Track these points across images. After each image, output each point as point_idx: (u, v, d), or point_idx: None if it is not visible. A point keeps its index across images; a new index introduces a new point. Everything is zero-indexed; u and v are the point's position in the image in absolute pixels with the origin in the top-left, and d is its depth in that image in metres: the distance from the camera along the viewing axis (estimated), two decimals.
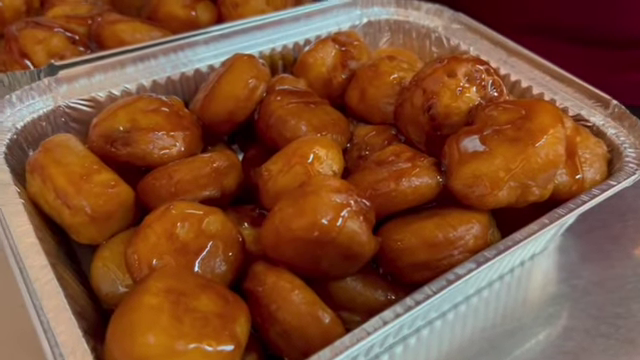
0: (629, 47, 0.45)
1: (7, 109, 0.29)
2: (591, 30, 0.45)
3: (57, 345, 0.19)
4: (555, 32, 0.45)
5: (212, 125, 0.31)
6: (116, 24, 0.35)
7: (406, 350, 0.28)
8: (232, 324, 0.21)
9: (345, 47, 0.35)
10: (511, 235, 0.24)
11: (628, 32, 0.44)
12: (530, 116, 0.27)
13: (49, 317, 0.20)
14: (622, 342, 0.29)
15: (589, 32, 0.45)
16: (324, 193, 0.23)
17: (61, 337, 0.20)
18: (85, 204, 0.25)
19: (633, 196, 0.36)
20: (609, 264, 0.33)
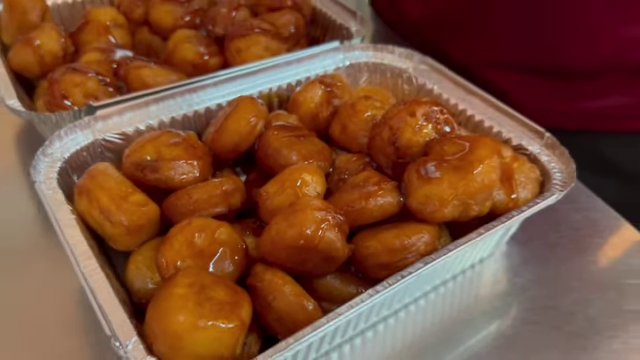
0: (576, 79, 0.52)
1: (56, 142, 0.36)
2: (543, 64, 0.52)
3: (110, 323, 0.26)
4: (515, 66, 0.53)
5: (220, 154, 0.38)
6: (140, 69, 0.42)
7: (376, 335, 0.34)
8: (239, 309, 0.27)
9: (330, 88, 0.42)
10: (454, 242, 0.31)
11: (574, 67, 0.51)
12: (472, 149, 0.34)
13: (102, 304, 0.27)
14: (567, 333, 0.35)
15: (542, 66, 0.53)
16: (309, 211, 0.30)
17: (113, 318, 0.26)
18: (123, 219, 0.32)
19: (568, 210, 0.43)
20: (546, 266, 0.40)
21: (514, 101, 0.49)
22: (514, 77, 0.52)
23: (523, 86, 0.52)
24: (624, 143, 0.53)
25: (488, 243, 0.37)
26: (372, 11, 0.67)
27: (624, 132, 0.52)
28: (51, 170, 0.34)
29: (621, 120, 0.52)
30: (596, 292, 0.37)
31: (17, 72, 0.45)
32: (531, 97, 0.51)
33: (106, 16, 0.49)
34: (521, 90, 0.52)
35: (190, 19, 0.48)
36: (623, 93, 0.50)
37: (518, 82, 0.52)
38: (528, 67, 0.52)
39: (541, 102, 0.52)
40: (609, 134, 0.52)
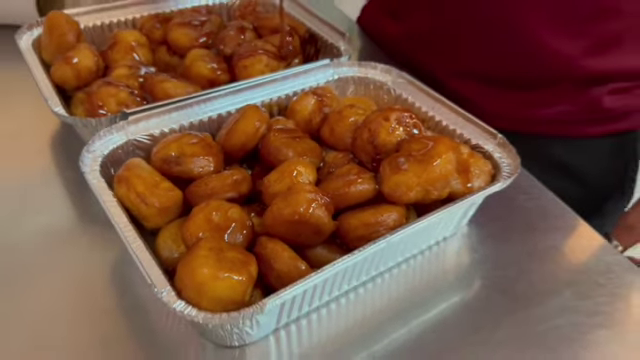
0: (528, 89, 0.60)
1: (97, 142, 0.44)
2: (500, 76, 0.60)
3: (150, 276, 0.34)
4: (476, 77, 0.61)
5: (230, 152, 0.46)
6: (163, 82, 0.50)
7: (357, 297, 0.42)
8: (248, 267, 0.35)
9: (321, 98, 0.51)
10: (417, 219, 0.40)
11: (525, 79, 0.60)
12: (433, 147, 0.42)
13: (143, 262, 0.35)
14: (516, 296, 0.43)
15: (499, 78, 0.60)
16: (302, 193, 0.38)
17: (152, 272, 0.34)
18: (155, 201, 0.40)
19: (521, 199, 0.51)
20: (500, 244, 0.47)
21: (476, 108, 0.57)
22: (476, 87, 0.60)
23: (483, 95, 0.60)
24: (571, 145, 0.61)
25: (449, 222, 0.45)
26: (359, 29, 0.76)
27: (571, 136, 0.60)
28: (94, 163, 0.42)
29: (568, 125, 0.60)
30: (539, 264, 0.45)
31: (57, 85, 0.53)
32: (490, 104, 0.60)
33: (131, 37, 0.58)
34: (481, 98, 0.60)
35: (204, 40, 0.57)
36: (569, 102, 0.59)
37: (479, 91, 0.60)
38: (487, 78, 0.60)
39: (498, 109, 0.60)
40: (558, 138, 0.61)
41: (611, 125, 0.60)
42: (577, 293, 0.43)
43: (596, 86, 0.58)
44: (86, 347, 0.38)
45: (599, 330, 0.40)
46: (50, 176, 0.51)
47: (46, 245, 0.45)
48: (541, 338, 0.39)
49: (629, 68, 0.57)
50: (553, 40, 0.55)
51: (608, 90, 0.58)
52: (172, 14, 0.63)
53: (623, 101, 0.59)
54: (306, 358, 0.38)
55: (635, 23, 0.54)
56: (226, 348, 0.38)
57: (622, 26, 0.54)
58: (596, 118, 0.60)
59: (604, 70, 0.57)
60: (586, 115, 0.59)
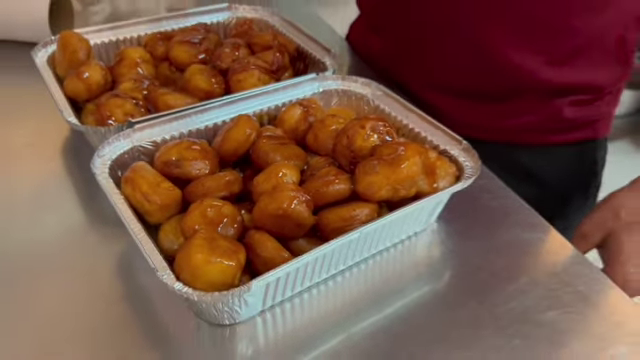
0: (495, 102, 0.66)
1: (106, 148, 0.50)
2: (470, 89, 0.66)
3: (154, 261, 0.39)
4: (448, 90, 0.67)
5: (225, 156, 0.51)
6: (165, 95, 0.56)
7: (335, 284, 0.47)
8: (237, 254, 0.41)
9: (307, 108, 0.56)
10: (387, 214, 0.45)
11: (492, 92, 0.65)
12: (402, 151, 0.48)
13: (148, 252, 0.40)
14: (478, 283, 0.48)
15: (469, 91, 0.66)
16: (285, 191, 0.44)
17: (154, 258, 0.40)
18: (157, 199, 0.45)
19: (486, 199, 0.56)
20: (467, 239, 0.52)
21: (447, 118, 0.63)
22: (447, 99, 0.66)
23: (454, 106, 0.66)
24: (536, 152, 0.67)
25: (418, 218, 0.50)
26: (348, 45, 0.82)
27: (535, 144, 0.66)
28: (104, 167, 0.48)
29: (532, 134, 0.66)
30: (500, 256, 0.50)
31: (69, 97, 0.59)
32: (460, 115, 0.66)
33: (136, 54, 0.63)
34: (453, 109, 0.66)
35: (202, 57, 0.62)
36: (533, 113, 0.64)
37: (450, 103, 0.66)
38: (458, 91, 0.66)
39: (468, 119, 0.66)
40: (524, 145, 0.67)
41: (572, 134, 0.66)
42: (531, 280, 0.48)
43: (557, 98, 0.64)
44: (95, 326, 0.43)
45: (548, 311, 0.45)
46: (63, 178, 0.57)
47: (60, 239, 0.50)
48: (496, 319, 0.45)
49: (586, 82, 0.63)
50: (516, 56, 0.60)
51: (569, 102, 0.64)
52: (174, 32, 0.69)
53: (583, 112, 0.65)
54: (290, 338, 0.44)
55: (588, 42, 0.60)
56: (219, 327, 0.43)
57: (577, 44, 0.60)
58: (558, 127, 0.65)
59: (563, 84, 0.63)
60: (549, 125, 0.65)
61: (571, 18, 0.59)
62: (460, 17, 0.61)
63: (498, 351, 0.42)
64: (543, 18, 0.59)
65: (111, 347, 0.42)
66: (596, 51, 0.62)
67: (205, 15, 0.72)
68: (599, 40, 0.61)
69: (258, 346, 0.43)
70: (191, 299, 0.38)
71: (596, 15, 0.59)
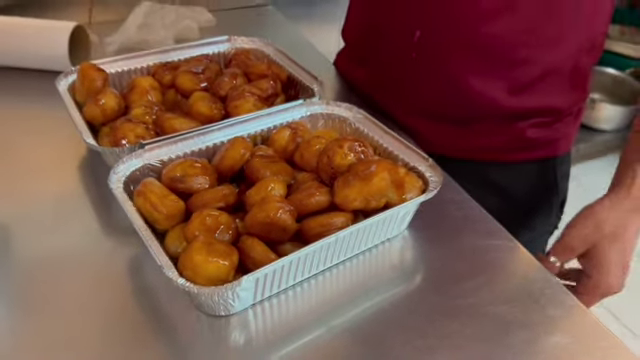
0: (465, 124, 0.74)
1: (120, 166, 0.57)
2: (441, 113, 0.74)
3: (161, 261, 0.47)
4: (423, 114, 0.75)
5: (222, 173, 0.59)
6: (171, 119, 0.64)
7: (317, 283, 0.54)
8: (231, 256, 0.48)
9: (295, 130, 0.64)
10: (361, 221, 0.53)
11: (461, 116, 0.73)
12: (374, 168, 0.55)
13: (156, 251, 0.48)
14: (442, 282, 0.55)
15: (441, 114, 0.74)
16: (272, 202, 0.51)
17: (162, 259, 0.47)
18: (164, 210, 0.53)
19: (453, 209, 0.64)
20: (435, 245, 0.60)
21: (424, 139, 0.71)
22: (422, 122, 0.74)
23: (428, 128, 0.74)
24: (502, 169, 0.74)
25: (390, 225, 0.58)
26: (335, 70, 0.91)
27: (502, 161, 0.74)
28: (119, 182, 0.56)
29: (499, 153, 0.73)
30: (463, 259, 0.58)
31: (87, 121, 0.67)
32: (434, 136, 0.74)
33: (146, 83, 0.72)
34: (427, 131, 0.74)
35: (204, 85, 0.71)
36: (498, 134, 0.72)
37: (425, 125, 0.74)
38: (431, 115, 0.74)
39: (441, 140, 0.74)
40: (491, 162, 0.74)
41: (535, 152, 0.74)
42: (487, 279, 0.55)
43: (519, 121, 0.72)
44: (109, 316, 0.51)
45: (500, 305, 0.53)
46: (81, 192, 0.65)
47: (80, 245, 0.58)
48: (453, 310, 0.52)
49: (545, 107, 0.71)
50: (480, 85, 0.68)
51: (530, 124, 0.72)
52: (179, 63, 0.77)
53: (544, 133, 0.73)
54: (277, 329, 0.51)
55: (545, 72, 0.68)
56: (215, 318, 0.51)
57: (534, 74, 0.68)
58: (521, 147, 0.73)
59: (524, 109, 0.71)
60: (513, 144, 0.73)
61: (529, 51, 0.67)
62: (431, 52, 0.69)
63: (451, 338, 0.50)
64: (503, 52, 0.67)
65: (123, 334, 0.49)
66: (553, 79, 0.70)
67: (207, 47, 0.81)
68: (555, 69, 0.69)
69: (249, 335, 0.50)
70: (192, 292, 0.46)
71: (551, 48, 0.67)
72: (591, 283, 0.60)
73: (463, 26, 0.67)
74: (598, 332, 0.51)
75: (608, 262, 0.59)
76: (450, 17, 0.67)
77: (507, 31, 0.66)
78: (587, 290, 0.61)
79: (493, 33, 0.66)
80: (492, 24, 0.66)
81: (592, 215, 0.60)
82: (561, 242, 0.62)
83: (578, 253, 0.62)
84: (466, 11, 0.66)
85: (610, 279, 0.59)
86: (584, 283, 0.61)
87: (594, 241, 0.60)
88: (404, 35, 0.71)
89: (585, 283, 0.61)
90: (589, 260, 0.61)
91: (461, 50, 0.68)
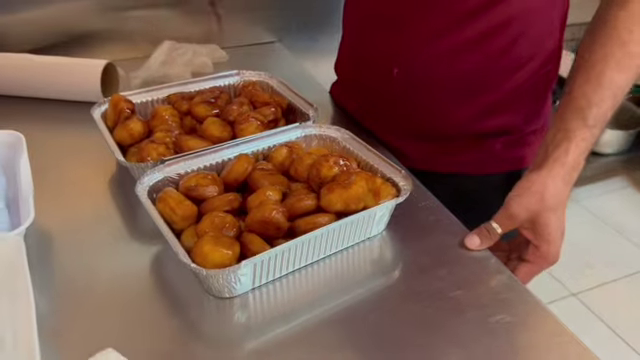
0: (443, 142, 0.85)
1: (145, 178, 0.70)
2: (421, 133, 0.85)
3: (179, 252, 0.59)
4: (405, 134, 0.86)
5: (228, 183, 0.71)
6: (187, 140, 0.76)
7: (307, 274, 0.65)
8: (233, 247, 0.60)
9: (291, 149, 0.76)
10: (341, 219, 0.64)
11: (439, 134, 0.85)
12: (354, 178, 0.67)
13: (176, 246, 0.60)
14: (412, 273, 0.66)
15: (421, 134, 0.85)
16: (268, 205, 0.63)
17: (179, 250, 0.59)
18: (180, 212, 0.65)
19: (425, 215, 0.75)
20: (410, 243, 0.70)
21: (407, 156, 0.83)
22: (406, 142, 0.85)
23: (411, 146, 0.85)
24: (476, 181, 0.85)
25: (368, 225, 0.68)
26: (331, 99, 1.03)
27: (476, 174, 0.85)
28: (144, 191, 0.68)
29: (473, 166, 0.84)
30: (431, 255, 0.68)
31: (118, 142, 0.80)
32: (416, 153, 0.85)
33: (166, 111, 0.84)
34: (409, 149, 0.85)
35: (215, 112, 0.83)
36: (472, 151, 0.83)
37: (407, 144, 0.85)
38: (413, 135, 0.85)
39: (423, 157, 0.85)
40: (467, 175, 0.85)
41: (503, 166, 0.85)
42: (448, 271, 0.66)
43: (489, 139, 0.83)
44: (134, 299, 0.62)
45: (457, 290, 0.63)
46: (112, 200, 0.77)
47: (111, 244, 0.70)
48: (420, 295, 0.63)
49: (510, 125, 0.82)
50: (453, 109, 0.80)
51: (498, 141, 0.83)
52: (194, 93, 0.90)
53: (511, 149, 0.84)
54: (274, 310, 0.62)
55: (509, 95, 0.80)
56: (221, 299, 0.62)
57: (500, 97, 0.80)
58: (491, 161, 0.84)
59: (492, 128, 0.82)
60: (484, 160, 0.84)
61: (493, 79, 0.78)
62: (408, 85, 0.81)
63: (415, 316, 0.60)
64: (471, 82, 0.78)
65: (146, 313, 0.61)
66: (516, 100, 0.81)
67: (219, 79, 0.94)
68: (517, 92, 0.81)
69: (250, 314, 0.61)
70: (201, 275, 0.57)
71: (513, 74, 0.79)
72: (539, 253, 0.66)
73: (434, 64, 0.79)
74: (539, 311, 0.61)
75: (555, 231, 0.66)
76: (422, 56, 0.79)
77: (473, 65, 0.78)
78: (536, 259, 0.66)
79: (462, 68, 0.78)
80: (459, 61, 0.78)
81: (533, 186, 0.65)
82: (505, 211, 0.66)
83: (520, 221, 0.66)
84: (436, 51, 0.78)
85: (557, 248, 0.66)
86: (533, 253, 0.68)
87: (537, 210, 0.64)
88: (385, 71, 0.83)
89: (533, 252, 0.67)
90: (536, 231, 0.66)
91: (434, 83, 0.80)
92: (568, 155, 0.67)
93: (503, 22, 0.75)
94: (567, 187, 0.67)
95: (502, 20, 0.75)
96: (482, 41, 0.76)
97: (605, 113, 0.69)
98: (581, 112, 0.68)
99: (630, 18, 0.70)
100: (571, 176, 0.68)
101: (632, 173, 2.59)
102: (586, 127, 0.68)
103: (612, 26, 0.71)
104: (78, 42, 1.11)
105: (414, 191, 0.71)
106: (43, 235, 0.69)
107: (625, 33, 0.70)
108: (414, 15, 0.78)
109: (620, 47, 0.69)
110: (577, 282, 2.05)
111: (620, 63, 0.69)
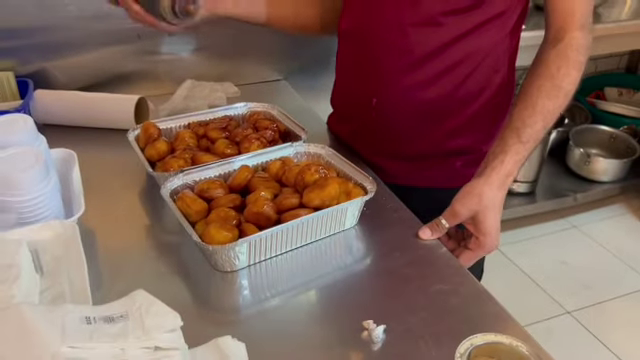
0: (419, 161, 1.03)
1: (168, 184, 0.89)
2: (399, 153, 1.04)
3: (192, 233, 0.77)
4: (385, 154, 1.04)
5: (233, 188, 0.90)
6: (202, 156, 0.96)
7: (292, 257, 0.83)
8: (233, 232, 0.78)
9: (284, 162, 0.95)
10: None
11: (416, 154, 1.03)
12: (329, 182, 0.85)
13: (190, 232, 0.78)
14: (381, 256, 0.84)
15: (399, 154, 1.04)
16: (260, 200, 0.81)
17: (192, 233, 0.78)
18: (195, 208, 0.84)
19: (390, 213, 0.92)
20: (379, 235, 0.88)
21: (386, 172, 1.01)
22: (385, 160, 1.03)
23: (392, 164, 1.03)
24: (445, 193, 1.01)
25: (342, 218, 0.86)
26: (327, 128, 1.22)
27: (444, 187, 1.02)
28: (167, 193, 0.87)
29: (441, 182, 1.02)
30: (392, 243, 0.86)
31: (148, 158, 1.00)
32: (396, 170, 1.03)
33: (186, 134, 1.04)
34: (391, 166, 1.03)
35: (226, 135, 1.04)
36: (440, 168, 1.02)
37: (387, 162, 1.03)
38: (390, 155, 1.04)
39: (399, 172, 1.03)
40: (437, 189, 1.03)
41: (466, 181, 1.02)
42: (402, 253, 0.83)
43: (452, 158, 1.01)
44: (155, 274, 0.81)
45: (408, 268, 0.80)
46: (141, 204, 0.97)
47: (139, 236, 0.89)
48: (378, 272, 0.80)
49: (469, 147, 1.00)
50: (423, 131, 0.99)
51: (461, 160, 1.01)
52: (209, 121, 1.10)
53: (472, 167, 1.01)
54: (266, 283, 0.79)
55: (465, 122, 0.98)
56: (224, 273, 0.80)
57: (458, 123, 0.98)
58: (456, 177, 1.01)
59: (455, 148, 1.00)
60: (450, 176, 1.02)
61: (457, 105, 0.97)
62: (385, 112, 0.99)
63: (375, 287, 0.78)
64: (439, 109, 0.97)
65: (166, 286, 0.79)
66: (474, 126, 0.99)
67: (230, 110, 1.15)
68: (474, 120, 0.99)
69: (248, 285, 0.79)
70: (208, 251, 0.76)
71: (474, 100, 0.97)
72: (478, 242, 0.83)
73: (404, 95, 0.97)
74: (470, 282, 0.78)
75: (490, 226, 0.80)
76: (393, 89, 0.98)
77: (435, 97, 0.96)
78: (476, 247, 0.81)
79: (430, 98, 0.96)
80: (427, 91, 0.96)
81: (473, 190, 0.80)
82: (451, 210, 0.81)
83: (463, 218, 0.80)
84: (404, 85, 0.96)
85: (493, 239, 0.82)
86: (474, 242, 0.82)
87: (476, 210, 0.79)
88: (365, 101, 1.02)
89: (474, 242, 0.84)
90: (476, 226, 0.80)
91: (404, 111, 0.98)
92: (503, 165, 0.85)
93: (453, 64, 0.94)
94: (501, 191, 0.84)
95: (452, 63, 0.94)
96: (438, 79, 0.95)
97: (537, 132, 0.87)
98: (517, 131, 0.86)
99: (558, 57, 0.89)
100: (505, 182, 0.85)
101: (630, 200, 2.70)
102: (520, 143, 0.86)
103: (545, 63, 0.90)
104: (116, 80, 1.33)
105: (383, 195, 0.90)
106: (89, 227, 0.89)
107: (554, 69, 0.88)
108: (386, 57, 0.97)
109: (550, 80, 0.88)
110: (573, 301, 2.15)
111: (550, 93, 0.87)
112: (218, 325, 0.73)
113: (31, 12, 1.22)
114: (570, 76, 0.87)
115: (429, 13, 0.90)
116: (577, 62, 0.88)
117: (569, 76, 0.87)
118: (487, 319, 0.72)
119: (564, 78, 0.87)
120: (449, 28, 0.91)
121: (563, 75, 0.87)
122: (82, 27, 1.26)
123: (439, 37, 0.92)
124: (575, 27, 0.89)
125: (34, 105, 1.16)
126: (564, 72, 0.87)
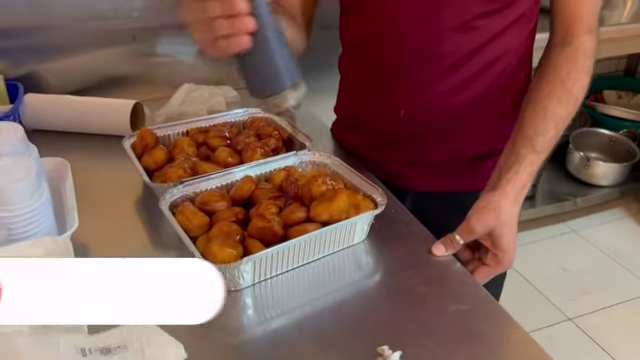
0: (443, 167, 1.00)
1: (167, 195, 0.85)
2: (409, 161, 1.00)
3: (193, 251, 0.73)
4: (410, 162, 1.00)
5: (235, 199, 0.85)
6: (202, 165, 0.92)
7: (300, 274, 0.79)
8: (237, 249, 0.74)
9: (288, 172, 0.91)
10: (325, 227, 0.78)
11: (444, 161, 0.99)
12: (337, 194, 0.81)
13: (192, 248, 0.74)
14: (389, 272, 0.80)
15: (409, 162, 1.00)
16: (266, 214, 0.77)
17: (194, 250, 0.73)
18: (195, 222, 0.79)
19: (399, 226, 0.88)
20: (388, 250, 0.84)
21: (408, 179, 0.97)
22: (407, 167, 1.00)
23: (414, 171, 1.00)
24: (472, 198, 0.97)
25: (350, 233, 0.82)
26: (331, 134, 1.18)
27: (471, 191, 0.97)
28: (166, 206, 0.83)
29: (468, 184, 0.98)
30: (405, 260, 0.81)
31: (145, 167, 0.95)
32: (420, 176, 0.99)
33: (185, 142, 1.00)
34: (412, 172, 1.00)
35: (227, 143, 0.99)
36: (467, 171, 0.98)
37: (411, 169, 1.00)
38: (415, 162, 0.99)
39: (426, 178, 1.00)
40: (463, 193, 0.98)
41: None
42: (417, 270, 0.79)
43: (484, 160, 0.98)
44: None
45: (424, 286, 0.76)
46: (139, 214, 0.92)
47: (138, 249, 0.85)
48: (392, 289, 0.76)
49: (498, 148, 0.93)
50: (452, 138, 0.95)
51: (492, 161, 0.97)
52: (209, 127, 1.06)
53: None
54: (272, 302, 0.75)
55: (493, 121, 0.95)
56: (229, 292, 0.75)
57: (487, 124, 0.95)
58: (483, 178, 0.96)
59: (483, 150, 0.97)
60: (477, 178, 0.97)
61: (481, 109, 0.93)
62: (414, 123, 0.94)
63: (388, 304, 0.73)
64: (465, 114, 0.92)
65: None
66: (503, 125, 0.95)
67: (230, 116, 1.10)
68: (504, 118, 0.95)
69: (252, 304, 0.75)
70: None
71: (495, 105, 0.94)
72: (497, 259, 0.80)
73: (432, 104, 0.92)
74: (489, 303, 0.74)
75: (508, 242, 0.77)
76: (422, 99, 0.92)
77: (470, 98, 0.92)
78: (494, 264, 0.78)
79: (460, 102, 0.92)
80: (458, 96, 0.91)
81: (489, 205, 0.77)
82: (466, 226, 0.78)
83: (479, 235, 0.77)
84: (432, 94, 0.91)
85: (511, 255, 0.79)
86: (492, 259, 0.79)
87: (493, 226, 0.76)
88: (391, 113, 0.95)
89: (492, 258, 0.81)
90: (493, 242, 0.77)
91: (436, 118, 0.94)
92: (518, 176, 0.81)
93: (484, 67, 0.90)
94: (517, 204, 0.81)
95: (483, 65, 0.89)
96: (469, 83, 0.90)
97: (550, 140, 0.84)
98: (529, 140, 0.83)
99: (568, 61, 0.85)
100: (520, 194, 0.81)
101: (630, 204, 2.69)
102: (534, 152, 0.82)
103: (554, 68, 0.86)
104: (110, 84, 1.29)
105: (392, 207, 0.85)
106: (83, 243, 0.84)
107: (564, 73, 0.85)
108: (416, 67, 0.90)
109: (560, 85, 0.84)
110: (574, 307, 2.13)
111: (561, 99, 0.84)
112: (221, 348, 0.69)
113: (21, 11, 1.16)
114: (580, 80, 0.85)
115: (464, 17, 0.86)
116: (586, 66, 0.86)
117: (579, 80, 0.85)
118: (510, 345, 0.68)
119: (575, 83, 0.85)
120: (482, 31, 0.87)
121: (574, 80, 0.84)
122: (75, 28, 1.21)
123: (472, 41, 0.87)
124: (584, 31, 0.86)
125: (24, 110, 1.11)
126: (574, 77, 0.85)
